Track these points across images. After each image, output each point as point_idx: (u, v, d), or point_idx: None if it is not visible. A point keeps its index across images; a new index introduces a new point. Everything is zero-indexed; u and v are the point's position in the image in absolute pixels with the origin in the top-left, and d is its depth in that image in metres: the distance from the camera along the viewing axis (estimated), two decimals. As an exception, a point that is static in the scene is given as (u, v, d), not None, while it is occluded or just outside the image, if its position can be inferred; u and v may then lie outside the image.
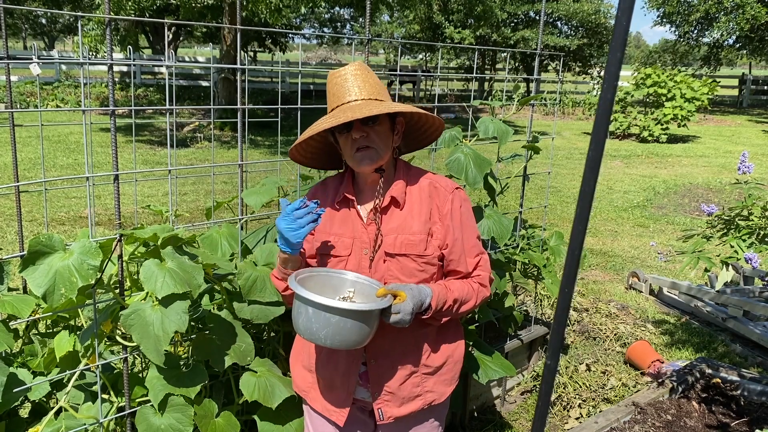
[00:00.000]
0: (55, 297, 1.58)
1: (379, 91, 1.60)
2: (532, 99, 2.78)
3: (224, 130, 12.84)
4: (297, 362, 1.80)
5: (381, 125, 1.58)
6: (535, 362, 3.50)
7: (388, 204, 1.64)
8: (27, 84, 15.77)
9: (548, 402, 0.66)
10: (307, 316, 1.46)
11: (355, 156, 1.58)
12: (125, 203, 6.35)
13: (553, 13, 22.27)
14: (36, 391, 1.85)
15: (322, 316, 1.44)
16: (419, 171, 1.73)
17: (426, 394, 1.70)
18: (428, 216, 1.64)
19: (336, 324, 1.44)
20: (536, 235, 3.23)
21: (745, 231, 2.27)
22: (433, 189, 1.67)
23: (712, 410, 2.90)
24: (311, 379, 1.74)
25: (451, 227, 1.64)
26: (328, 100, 1.64)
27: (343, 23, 26.03)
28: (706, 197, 8.61)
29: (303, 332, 1.48)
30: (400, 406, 1.67)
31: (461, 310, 1.64)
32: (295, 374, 1.80)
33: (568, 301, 0.60)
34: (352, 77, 1.58)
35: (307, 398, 1.75)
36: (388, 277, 1.61)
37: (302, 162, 1.79)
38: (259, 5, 9.94)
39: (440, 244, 1.64)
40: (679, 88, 13.90)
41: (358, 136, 1.55)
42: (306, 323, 1.47)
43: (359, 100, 1.57)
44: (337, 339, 1.46)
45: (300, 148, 1.70)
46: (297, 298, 1.48)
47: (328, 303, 1.43)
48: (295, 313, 1.50)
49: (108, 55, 1.71)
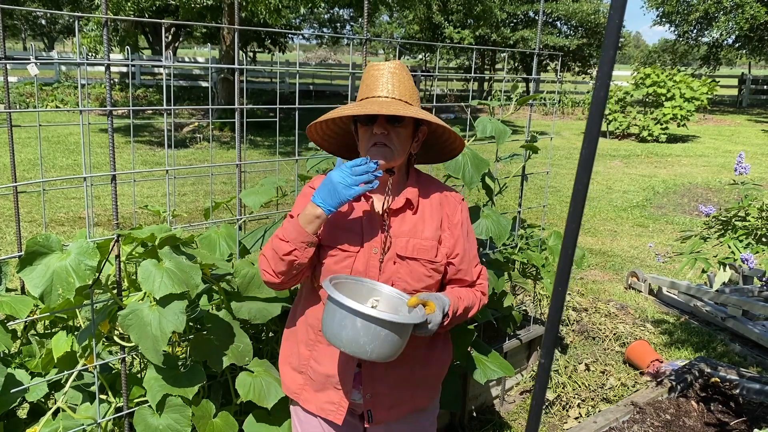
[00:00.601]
0: (53, 297, 1.58)
1: (411, 94, 1.61)
2: (531, 99, 2.78)
3: (224, 130, 12.84)
4: (285, 364, 1.77)
5: (404, 128, 1.59)
6: (534, 362, 3.50)
7: (402, 206, 1.65)
8: (26, 85, 15.78)
9: (542, 399, 0.67)
10: (354, 329, 1.38)
11: (371, 150, 1.58)
12: (124, 204, 6.35)
13: (552, 13, 22.28)
14: (34, 392, 1.85)
15: (372, 329, 1.38)
16: (430, 179, 1.76)
17: (416, 399, 1.73)
18: (439, 223, 1.67)
19: (385, 338, 1.39)
20: (535, 235, 3.23)
21: (741, 231, 2.27)
22: (443, 198, 1.71)
23: (711, 409, 2.90)
24: (302, 380, 1.71)
25: (461, 237, 1.68)
26: (360, 89, 1.65)
27: (343, 23, 26.03)
28: (706, 197, 8.61)
29: (346, 345, 1.41)
30: (390, 409, 1.68)
31: (465, 318, 1.68)
32: (284, 376, 1.77)
33: (561, 300, 0.60)
34: (389, 74, 1.60)
35: (299, 399, 1.73)
36: (396, 280, 1.62)
37: (316, 140, 1.75)
38: (259, 6, 9.95)
39: (448, 253, 1.67)
40: (678, 87, 13.91)
41: (380, 132, 1.56)
42: (352, 336, 1.39)
43: (389, 98, 1.58)
44: (383, 352, 1.41)
45: (319, 127, 1.68)
46: (342, 308, 1.39)
47: (384, 317, 1.36)
48: (337, 325, 1.41)
49: (105, 55, 1.71)
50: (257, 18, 11.23)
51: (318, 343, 1.67)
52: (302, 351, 1.70)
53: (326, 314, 1.44)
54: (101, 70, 17.65)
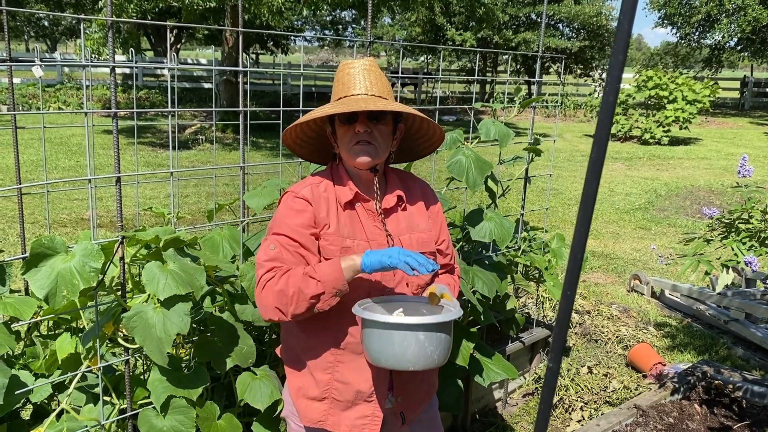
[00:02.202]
0: (58, 299, 1.58)
1: (386, 90, 1.60)
2: (534, 101, 2.78)
3: (226, 132, 12.85)
4: (300, 398, 1.64)
5: (385, 125, 1.57)
6: (536, 365, 3.49)
7: (394, 204, 1.64)
8: (29, 86, 15.80)
9: (550, 404, 0.66)
10: (419, 343, 1.35)
11: (353, 148, 1.53)
12: (127, 205, 6.36)
13: (554, 15, 22.28)
14: (38, 393, 1.85)
15: (435, 337, 1.36)
16: (403, 173, 1.76)
17: (430, 391, 1.77)
18: (427, 214, 1.69)
19: (445, 340, 1.39)
20: (538, 238, 3.22)
21: (745, 234, 2.26)
22: (421, 188, 1.73)
23: (714, 413, 2.89)
24: (325, 407, 1.61)
25: (443, 224, 1.73)
26: (334, 88, 1.62)
27: (345, 26, 26.05)
28: (708, 200, 8.60)
29: (413, 362, 1.36)
30: (416, 407, 1.70)
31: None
32: (302, 409, 1.64)
33: (570, 304, 0.60)
34: (364, 71, 1.57)
35: (326, 425, 1.62)
36: (405, 277, 1.62)
37: (290, 145, 1.68)
38: (261, 8, 9.96)
39: (436, 239, 1.70)
40: (680, 90, 13.90)
41: (363, 129, 1.52)
42: (419, 351, 1.35)
43: (367, 95, 1.55)
44: (445, 354, 1.40)
45: (295, 130, 1.62)
46: (400, 329, 1.34)
47: (445, 319, 1.34)
48: (399, 347, 1.35)
49: (110, 57, 1.71)
50: (259, 20, 11.24)
51: (339, 363, 1.59)
52: (319, 377, 1.60)
53: (380, 342, 1.38)
54: (103, 72, 17.64)
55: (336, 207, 1.58)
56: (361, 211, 1.60)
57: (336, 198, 1.59)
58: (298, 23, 24.69)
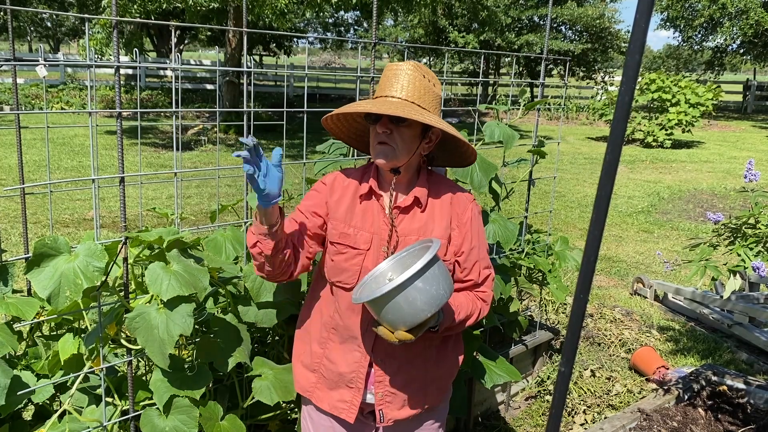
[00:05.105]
0: (61, 299, 1.57)
1: (422, 96, 1.60)
2: (540, 104, 2.77)
3: (228, 132, 12.86)
4: (298, 363, 1.79)
5: (409, 129, 1.58)
6: (539, 368, 3.48)
7: (411, 204, 1.66)
8: (32, 86, 15.83)
9: (562, 407, 0.66)
10: (420, 291, 1.39)
11: (375, 147, 1.61)
12: (129, 206, 6.35)
13: (557, 17, 22.28)
14: (40, 394, 1.85)
15: (429, 276, 1.39)
16: (441, 179, 1.76)
17: (427, 398, 1.74)
18: (449, 222, 1.67)
19: (440, 272, 1.42)
20: (541, 240, 3.21)
21: (752, 239, 2.25)
22: (454, 197, 1.71)
23: (718, 418, 2.88)
24: (314, 378, 1.73)
25: (469, 235, 1.68)
26: (377, 86, 1.68)
27: (347, 27, 26.08)
28: (711, 203, 8.58)
29: (428, 308, 1.40)
30: (400, 408, 1.69)
31: (463, 327, 1.69)
32: (297, 374, 1.80)
33: (583, 307, 0.60)
34: (403, 75, 1.61)
35: (312, 398, 1.74)
36: None
37: (333, 131, 1.77)
38: (265, 9, 9.97)
39: (456, 251, 1.68)
40: (683, 93, 13.88)
41: (382, 131, 1.57)
42: (424, 297, 1.39)
43: (398, 99, 1.59)
44: (448, 283, 1.44)
45: (335, 118, 1.71)
46: (396, 292, 1.38)
47: (425, 261, 1.36)
48: (407, 306, 1.39)
49: (114, 57, 1.71)
50: (262, 21, 11.26)
51: (330, 341, 1.69)
52: (315, 349, 1.72)
53: (393, 314, 1.41)
54: (106, 72, 17.66)
55: (353, 197, 1.68)
56: (375, 205, 1.67)
57: (355, 189, 1.69)
58: (301, 25, 24.73)
